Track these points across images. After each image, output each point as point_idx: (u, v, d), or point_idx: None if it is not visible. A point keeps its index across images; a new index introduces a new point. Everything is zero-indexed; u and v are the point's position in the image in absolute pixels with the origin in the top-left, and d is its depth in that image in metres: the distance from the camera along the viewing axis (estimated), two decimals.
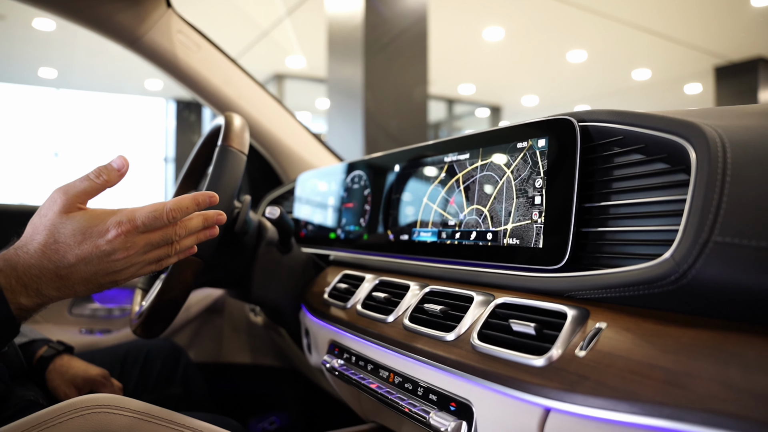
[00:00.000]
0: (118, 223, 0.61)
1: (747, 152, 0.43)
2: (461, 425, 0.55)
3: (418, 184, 0.84)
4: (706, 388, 0.38)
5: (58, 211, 0.61)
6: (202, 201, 0.66)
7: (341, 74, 3.75)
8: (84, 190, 0.63)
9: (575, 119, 0.60)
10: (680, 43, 6.74)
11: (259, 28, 6.26)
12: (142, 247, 0.62)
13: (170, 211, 0.63)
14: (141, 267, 0.64)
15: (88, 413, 0.66)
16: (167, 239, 0.64)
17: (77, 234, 0.60)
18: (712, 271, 0.41)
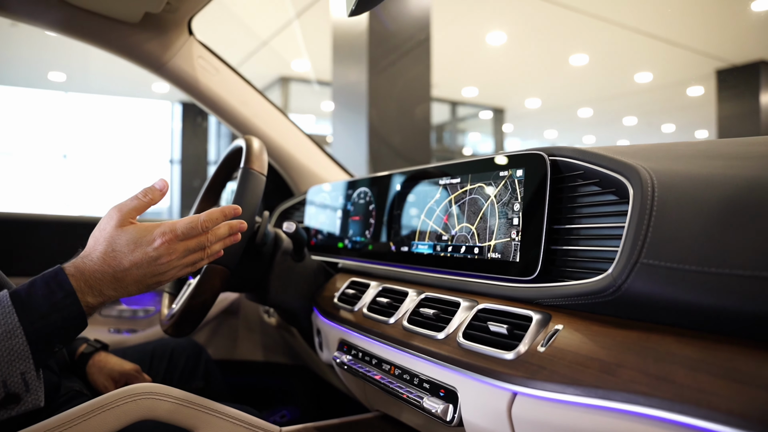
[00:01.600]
0: (162, 233, 0.74)
1: (670, 193, 0.55)
2: (448, 407, 0.68)
3: (416, 202, 0.96)
4: (629, 375, 0.50)
5: (114, 226, 0.74)
6: (228, 213, 0.81)
7: (346, 85, 3.87)
8: (134, 207, 0.77)
9: (546, 154, 0.72)
10: (682, 47, 6.82)
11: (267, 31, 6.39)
12: (181, 252, 0.76)
13: (203, 222, 0.77)
14: (180, 269, 0.78)
15: (138, 399, 0.79)
16: (201, 245, 0.78)
17: (130, 244, 0.73)
18: (639, 286, 0.53)
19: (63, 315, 0.68)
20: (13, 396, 0.65)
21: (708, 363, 0.46)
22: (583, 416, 0.52)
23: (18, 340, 0.65)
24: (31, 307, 0.67)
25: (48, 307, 0.67)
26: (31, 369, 0.66)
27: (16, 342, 0.65)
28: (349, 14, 0.91)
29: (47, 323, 0.67)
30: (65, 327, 0.69)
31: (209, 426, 0.83)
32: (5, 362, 0.64)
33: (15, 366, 0.65)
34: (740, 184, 0.50)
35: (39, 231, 1.57)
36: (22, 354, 0.65)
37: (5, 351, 0.64)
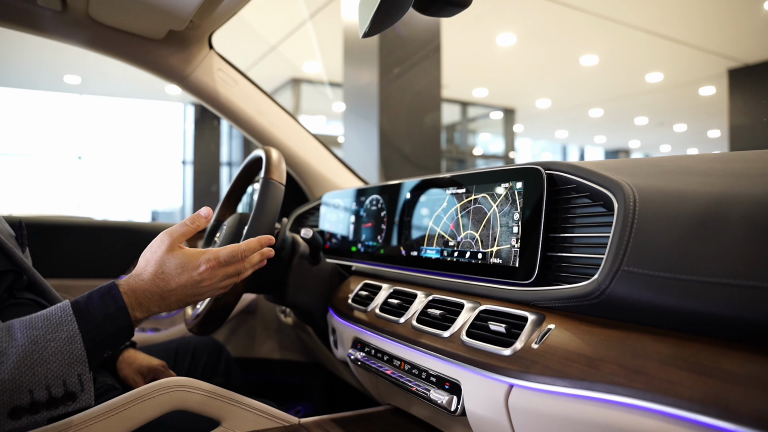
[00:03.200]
0: (207, 260, 0.83)
1: (649, 207, 0.61)
2: (453, 399, 0.75)
3: (425, 209, 1.03)
4: (609, 369, 0.57)
5: (165, 250, 0.83)
6: (264, 242, 0.91)
7: (357, 90, 3.93)
8: (183, 233, 0.86)
9: (543, 168, 0.79)
10: (693, 47, 6.82)
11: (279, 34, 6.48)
12: (221, 277, 0.85)
13: (243, 251, 0.87)
14: (217, 291, 0.88)
15: (172, 391, 0.87)
16: (238, 271, 0.87)
17: (178, 267, 0.82)
18: (621, 290, 0.60)
19: (115, 326, 0.77)
20: (71, 395, 0.73)
21: (677, 358, 0.53)
22: (570, 405, 0.59)
23: (77, 346, 0.73)
24: (89, 317, 0.76)
25: (102, 318, 0.76)
26: (86, 371, 0.74)
27: (75, 347, 0.73)
28: (363, 35, 0.98)
29: (101, 332, 0.76)
30: (116, 336, 0.78)
31: (234, 416, 0.91)
32: (66, 364, 0.72)
33: (73, 368, 0.72)
34: (709, 201, 0.57)
35: (74, 234, 1.66)
36: (80, 358, 0.73)
37: (66, 354, 0.72)
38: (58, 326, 0.73)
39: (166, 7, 1.24)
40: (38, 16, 1.31)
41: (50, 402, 0.71)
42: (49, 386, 0.71)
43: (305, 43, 6.70)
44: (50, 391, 0.71)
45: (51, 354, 0.71)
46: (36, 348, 0.71)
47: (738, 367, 0.48)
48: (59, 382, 0.71)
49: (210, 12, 1.30)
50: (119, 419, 0.83)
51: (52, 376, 0.71)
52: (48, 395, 0.71)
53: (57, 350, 0.72)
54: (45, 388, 0.71)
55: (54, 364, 0.71)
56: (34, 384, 0.70)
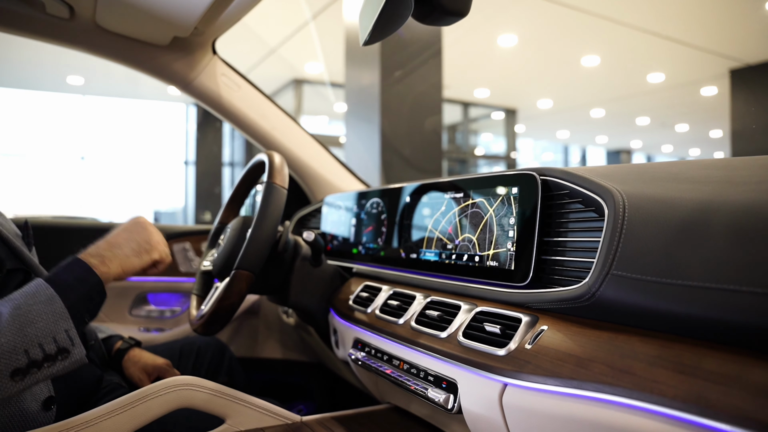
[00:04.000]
0: None
1: (638, 213, 0.64)
2: (449, 397, 0.78)
3: (424, 212, 1.06)
4: (598, 368, 0.59)
5: None
6: None
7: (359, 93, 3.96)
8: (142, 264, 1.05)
9: (538, 174, 0.81)
10: (695, 47, 6.83)
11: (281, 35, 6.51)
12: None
13: None
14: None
15: (178, 390, 0.90)
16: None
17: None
18: (610, 293, 0.62)
19: (88, 284, 0.86)
20: (63, 350, 0.79)
21: (662, 358, 0.55)
22: (561, 403, 0.62)
23: (57, 305, 0.80)
24: (60, 281, 0.84)
25: (73, 280, 0.85)
26: (72, 327, 0.80)
27: (56, 306, 0.80)
28: (363, 43, 1.01)
29: (75, 291, 0.84)
30: (90, 293, 0.87)
31: (239, 414, 0.94)
32: (51, 322, 0.78)
33: (59, 324, 0.79)
34: (694, 207, 0.59)
35: (79, 236, 1.69)
36: (63, 314, 0.80)
37: (49, 314, 0.79)
38: (36, 294, 0.81)
39: (172, 15, 1.26)
40: (46, 23, 1.34)
41: (46, 358, 0.77)
42: (41, 344, 0.77)
43: (307, 44, 6.73)
44: (44, 349, 0.77)
45: (36, 315, 0.78)
46: (20, 313, 0.77)
47: (718, 367, 0.50)
48: (50, 338, 0.77)
49: (214, 19, 1.32)
50: (127, 417, 0.85)
51: (42, 334, 0.77)
52: (42, 353, 0.77)
53: (40, 312, 0.79)
54: (38, 346, 0.76)
55: (41, 323, 0.78)
56: (28, 344, 0.76)
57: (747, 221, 0.53)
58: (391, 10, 0.89)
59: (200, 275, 1.38)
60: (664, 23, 6.03)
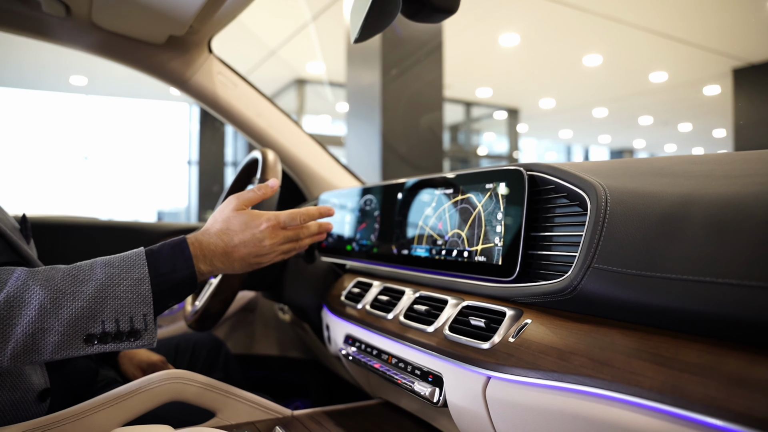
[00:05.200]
0: (268, 219, 0.91)
1: (619, 207, 0.64)
2: (435, 391, 0.79)
3: (416, 209, 1.06)
4: (579, 361, 0.60)
5: (231, 209, 0.91)
6: (324, 213, 1.01)
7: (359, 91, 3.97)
8: (249, 199, 0.94)
9: (524, 169, 0.81)
10: (697, 46, 6.82)
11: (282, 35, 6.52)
12: (281, 239, 0.92)
13: (302, 215, 0.94)
14: (277, 255, 0.94)
15: (169, 383, 0.90)
16: (297, 236, 0.95)
17: (242, 224, 0.89)
18: (592, 287, 0.63)
19: (180, 275, 0.83)
20: (135, 332, 0.79)
21: (641, 350, 0.56)
22: (543, 395, 0.62)
23: (145, 287, 0.79)
24: (158, 264, 0.82)
25: (170, 268, 0.82)
26: (150, 312, 0.80)
27: (143, 288, 0.79)
28: (354, 41, 1.01)
29: (167, 279, 0.82)
30: (180, 285, 0.84)
31: (229, 408, 0.95)
32: (134, 303, 0.78)
33: (140, 307, 0.79)
34: (674, 201, 0.59)
35: (79, 234, 1.70)
36: (146, 299, 0.79)
37: (135, 294, 0.79)
38: (132, 267, 0.80)
39: (167, 13, 1.27)
40: (43, 22, 1.35)
41: (117, 335, 0.78)
42: (118, 320, 0.77)
43: (309, 44, 6.74)
44: (119, 325, 0.77)
45: (123, 291, 0.78)
46: (111, 284, 0.78)
47: (694, 358, 0.51)
48: (127, 318, 0.78)
49: (209, 17, 1.33)
50: (119, 409, 0.86)
51: (122, 311, 0.78)
52: (116, 328, 0.77)
53: (128, 289, 0.79)
54: (114, 321, 0.77)
55: (124, 300, 0.78)
56: (106, 315, 0.77)
57: (724, 214, 0.53)
58: (379, 8, 0.90)
59: None
60: (667, 22, 6.02)
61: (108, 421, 0.86)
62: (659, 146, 15.34)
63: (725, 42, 6.73)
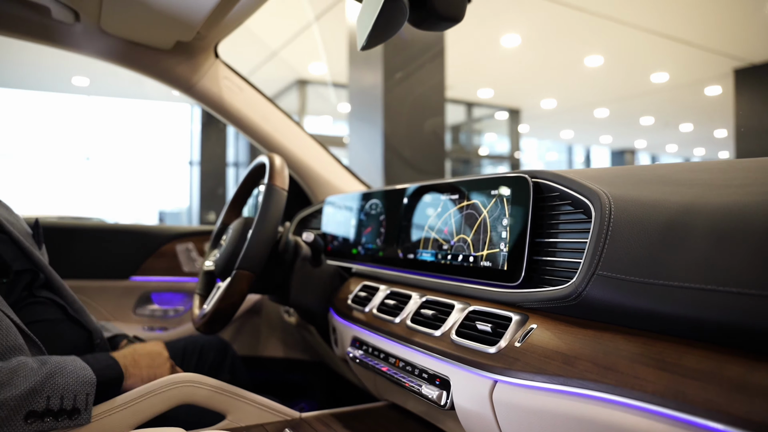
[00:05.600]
0: None
1: (623, 215, 0.66)
2: (442, 394, 0.80)
3: (422, 213, 1.08)
4: (583, 365, 0.61)
5: None
6: None
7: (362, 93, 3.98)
8: None
9: (530, 177, 0.83)
10: (698, 47, 6.83)
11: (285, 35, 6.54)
12: None
13: None
14: None
15: (180, 386, 0.92)
16: None
17: None
18: (596, 293, 0.64)
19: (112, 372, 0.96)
20: (76, 410, 0.85)
21: (644, 355, 0.57)
22: (548, 399, 0.64)
23: (89, 373, 0.89)
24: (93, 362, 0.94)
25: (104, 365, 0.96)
26: (93, 393, 0.87)
27: (87, 373, 0.88)
28: (361, 48, 1.03)
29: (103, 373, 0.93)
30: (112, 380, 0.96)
31: (239, 410, 0.96)
32: (80, 383, 0.86)
33: (84, 388, 0.87)
34: (677, 210, 0.61)
35: (86, 236, 1.72)
36: (91, 381, 0.88)
37: (80, 376, 0.87)
38: (71, 361, 0.91)
39: (175, 19, 1.29)
40: (52, 28, 1.37)
41: (60, 412, 0.84)
42: (63, 396, 0.84)
43: (310, 45, 6.76)
44: (62, 402, 0.84)
45: (69, 372, 0.87)
46: (54, 366, 0.87)
47: (696, 363, 0.52)
48: (71, 395, 0.85)
49: (217, 23, 1.35)
50: (131, 412, 0.88)
51: (67, 389, 0.85)
52: (60, 404, 0.84)
53: (74, 370, 0.88)
54: (59, 397, 0.84)
55: (71, 379, 0.86)
56: (51, 391, 0.83)
57: (725, 223, 0.55)
58: (387, 15, 0.91)
59: (203, 275, 1.40)
60: (668, 23, 6.03)
61: (120, 423, 0.88)
62: (660, 147, 15.34)
63: (726, 42, 6.73)
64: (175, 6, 1.22)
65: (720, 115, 9.96)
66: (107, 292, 1.72)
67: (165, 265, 1.79)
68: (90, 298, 1.68)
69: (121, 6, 1.25)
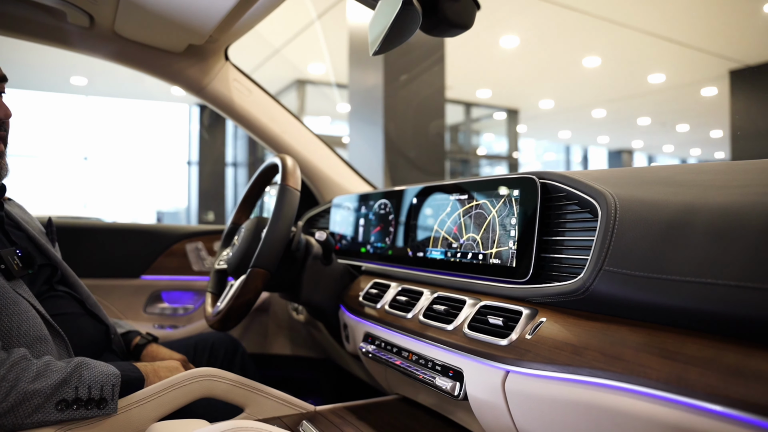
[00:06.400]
0: None
1: (628, 214, 0.70)
2: (456, 385, 0.84)
3: (430, 213, 1.12)
4: (592, 355, 0.65)
5: None
6: None
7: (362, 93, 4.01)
8: None
9: (537, 178, 0.87)
10: (695, 48, 6.88)
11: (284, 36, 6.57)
12: None
13: None
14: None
15: (201, 380, 0.96)
16: None
17: None
18: (603, 287, 0.68)
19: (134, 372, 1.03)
20: (103, 400, 0.91)
21: (649, 345, 0.61)
22: (558, 388, 0.68)
23: (112, 369, 0.94)
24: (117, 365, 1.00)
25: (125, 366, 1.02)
26: (118, 384, 0.93)
27: (111, 369, 0.94)
28: (373, 53, 1.06)
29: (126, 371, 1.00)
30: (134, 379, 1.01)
31: (257, 404, 1.00)
32: (105, 375, 0.92)
33: (110, 379, 0.92)
34: (679, 209, 0.65)
35: (98, 236, 1.75)
36: (115, 375, 0.93)
37: (105, 369, 0.94)
38: (96, 361, 0.96)
39: (189, 23, 1.33)
40: (67, 32, 1.40)
41: (89, 402, 0.89)
42: (90, 386, 0.89)
43: (310, 45, 6.79)
44: (90, 391, 0.89)
45: (94, 365, 0.93)
46: (80, 361, 0.93)
47: (696, 351, 0.56)
48: (98, 386, 0.90)
49: (229, 27, 1.38)
50: (155, 405, 0.92)
51: (94, 380, 0.90)
52: (88, 394, 0.89)
53: (98, 365, 0.94)
54: (87, 387, 0.89)
55: (96, 372, 0.92)
56: (79, 382, 0.89)
57: (723, 222, 0.59)
58: (401, 22, 0.95)
59: (215, 274, 1.44)
60: (665, 25, 6.08)
61: (145, 415, 0.91)
62: (657, 147, 15.41)
63: (722, 44, 6.79)
64: (189, 11, 1.26)
65: (716, 116, 10.02)
66: (118, 290, 1.76)
67: (175, 264, 1.82)
68: (101, 297, 1.72)
69: (136, 11, 1.29)
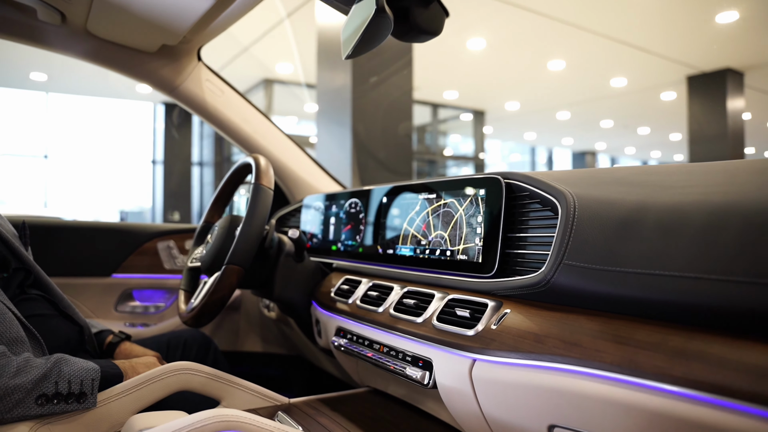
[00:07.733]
0: None
1: (585, 212, 0.75)
2: (425, 374, 0.89)
3: (400, 211, 1.16)
4: (552, 343, 0.70)
5: None
6: None
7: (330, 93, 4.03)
8: None
9: (502, 177, 0.92)
10: (655, 54, 7.13)
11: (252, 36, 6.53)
12: None
13: None
14: None
15: (177, 374, 0.98)
16: None
17: None
18: (562, 280, 0.73)
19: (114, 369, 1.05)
20: (82, 394, 0.92)
21: (604, 332, 0.67)
22: (522, 373, 0.73)
23: (91, 364, 0.95)
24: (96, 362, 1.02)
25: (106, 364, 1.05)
26: (98, 378, 0.95)
27: (90, 364, 0.95)
28: (345, 57, 1.10)
29: (105, 366, 1.03)
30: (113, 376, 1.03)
31: (232, 396, 1.03)
32: (85, 370, 0.94)
33: (90, 374, 0.94)
34: (631, 207, 0.71)
35: (69, 234, 1.74)
36: (95, 369, 0.95)
37: (85, 365, 0.95)
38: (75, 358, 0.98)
39: (163, 24, 1.34)
40: (38, 29, 1.39)
41: (68, 396, 0.91)
42: (70, 381, 0.91)
43: (278, 44, 6.77)
44: (70, 386, 0.91)
45: (74, 362, 0.94)
46: (60, 357, 0.94)
47: (646, 336, 0.62)
48: (77, 380, 0.92)
49: (203, 28, 1.40)
50: (133, 398, 0.93)
51: (74, 375, 0.92)
52: (68, 389, 0.91)
53: (77, 361, 0.95)
54: (67, 382, 0.91)
55: (76, 367, 0.93)
56: (59, 377, 0.90)
57: (670, 219, 0.65)
58: (374, 28, 0.99)
59: (188, 271, 1.45)
60: (627, 31, 6.29)
61: (124, 408, 0.93)
62: (619, 149, 15.85)
63: (680, 50, 7.06)
64: (164, 12, 1.27)
65: (675, 120, 10.36)
66: (89, 289, 1.75)
67: (146, 263, 1.82)
68: (72, 296, 1.70)
69: (110, 10, 1.29)
